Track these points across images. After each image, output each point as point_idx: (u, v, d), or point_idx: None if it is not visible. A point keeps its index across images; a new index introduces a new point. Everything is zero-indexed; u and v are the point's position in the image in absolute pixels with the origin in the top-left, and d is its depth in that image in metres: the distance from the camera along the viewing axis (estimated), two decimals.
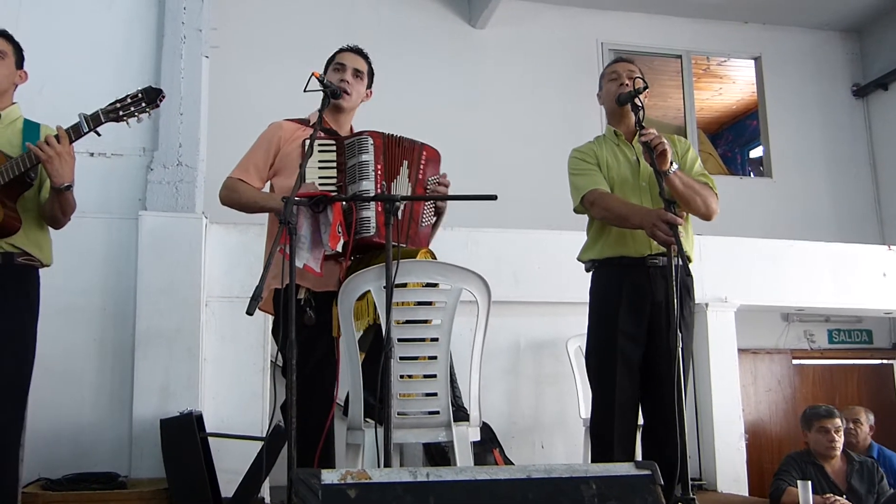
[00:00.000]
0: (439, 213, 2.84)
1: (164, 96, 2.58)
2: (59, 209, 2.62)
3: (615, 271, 2.92)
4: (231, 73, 5.31)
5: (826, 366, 6.55)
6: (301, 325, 2.43)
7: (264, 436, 3.31)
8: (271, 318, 2.95)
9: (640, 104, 2.84)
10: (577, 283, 3.14)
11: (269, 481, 3.58)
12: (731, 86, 7.72)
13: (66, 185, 2.51)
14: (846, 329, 6.56)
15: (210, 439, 3.43)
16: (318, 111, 2.66)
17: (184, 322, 3.73)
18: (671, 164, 2.74)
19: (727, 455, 4.57)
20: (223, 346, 3.87)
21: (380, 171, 2.62)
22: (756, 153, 8.18)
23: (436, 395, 2.50)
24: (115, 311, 3.74)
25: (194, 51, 4.10)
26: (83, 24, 4.04)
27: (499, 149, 5.96)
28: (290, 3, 5.91)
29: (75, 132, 2.51)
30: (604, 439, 2.86)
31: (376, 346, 2.57)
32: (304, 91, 2.53)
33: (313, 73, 2.58)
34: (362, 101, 2.93)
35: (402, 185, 2.69)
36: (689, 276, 2.89)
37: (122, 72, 3.98)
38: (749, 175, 8.44)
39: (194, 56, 4.10)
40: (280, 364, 2.29)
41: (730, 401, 4.65)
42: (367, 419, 2.49)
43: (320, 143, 2.62)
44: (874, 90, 7.01)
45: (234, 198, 2.77)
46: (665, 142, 2.72)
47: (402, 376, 2.48)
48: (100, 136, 2.56)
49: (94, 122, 2.51)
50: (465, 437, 2.52)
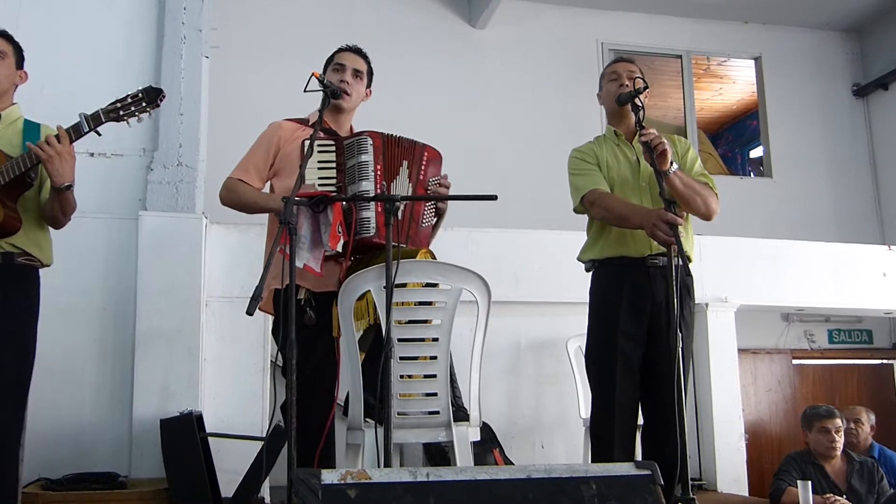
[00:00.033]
0: (440, 214, 2.84)
1: (164, 96, 2.58)
2: (59, 209, 2.62)
3: (615, 271, 2.92)
4: (231, 74, 5.31)
5: (826, 366, 6.55)
6: (301, 325, 2.43)
7: (264, 436, 3.31)
8: (271, 319, 2.95)
9: (640, 104, 2.83)
10: (577, 283, 3.13)
11: (269, 481, 3.58)
12: (731, 86, 7.72)
13: (66, 184, 2.51)
14: (846, 329, 6.56)
15: (210, 439, 3.43)
16: (319, 111, 2.66)
17: (184, 322, 3.74)
18: (671, 164, 2.73)
19: (727, 455, 4.57)
20: (223, 346, 3.88)
21: (379, 172, 2.62)
22: (756, 153, 8.18)
23: (436, 395, 2.50)
24: (116, 312, 3.74)
25: (194, 51, 4.10)
26: (83, 25, 4.04)
27: (499, 149, 5.96)
28: (290, 3, 5.91)
29: (76, 132, 2.51)
30: (604, 439, 2.86)
31: (376, 346, 2.57)
32: (304, 91, 2.53)
33: (313, 73, 2.58)
34: (362, 101, 2.93)
35: (402, 186, 2.69)
36: (690, 276, 2.89)
37: (123, 72, 3.98)
38: (749, 175, 8.44)
39: (194, 56, 4.10)
40: (280, 364, 2.29)
41: (730, 401, 4.65)
42: (367, 419, 2.49)
43: (320, 143, 2.62)
44: (874, 90, 7.01)
45: (234, 198, 2.77)
46: (665, 142, 2.72)
47: (402, 376, 2.48)
48: (100, 135, 2.57)
49: (94, 121, 2.51)
50: (465, 437, 2.52)
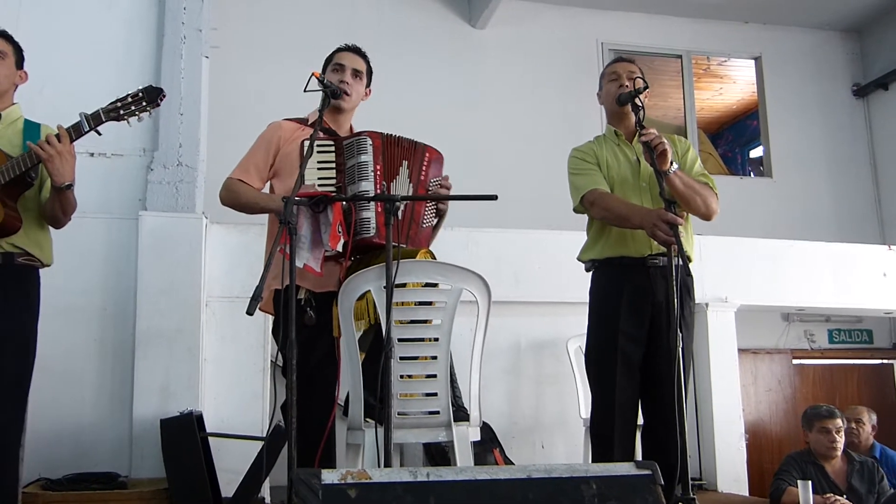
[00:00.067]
0: (441, 215, 2.83)
1: (164, 95, 2.58)
2: (59, 208, 2.62)
3: (615, 271, 2.92)
4: (231, 74, 5.31)
5: (826, 366, 6.55)
6: (301, 325, 2.43)
7: (264, 436, 3.30)
8: (271, 319, 2.94)
9: (640, 104, 2.83)
10: (577, 283, 3.13)
11: (270, 481, 3.58)
12: (731, 86, 7.72)
13: (66, 184, 2.51)
14: (846, 329, 6.56)
15: (210, 439, 3.43)
16: (318, 111, 2.66)
17: (184, 322, 3.74)
18: (671, 163, 2.73)
19: (727, 455, 4.56)
20: (223, 346, 3.88)
21: (379, 172, 2.62)
22: (756, 153, 8.17)
23: (436, 395, 2.50)
24: (116, 312, 3.74)
25: (194, 51, 4.10)
26: (83, 25, 4.04)
27: (499, 149, 5.96)
28: (290, 3, 5.91)
29: (76, 131, 2.51)
30: (604, 439, 2.86)
31: (376, 346, 2.57)
32: (305, 91, 2.53)
33: (313, 73, 2.58)
34: (361, 101, 2.93)
35: (402, 186, 2.68)
36: (690, 275, 2.89)
37: (123, 72, 3.98)
38: (749, 175, 8.44)
39: (194, 56, 4.10)
40: (280, 364, 2.29)
41: (730, 401, 4.64)
42: (367, 419, 2.49)
43: (319, 143, 2.62)
44: (874, 90, 7.01)
45: (234, 198, 2.77)
46: (665, 142, 2.72)
47: (402, 376, 2.48)
48: (100, 135, 2.56)
49: (94, 121, 2.51)
50: (465, 436, 2.52)
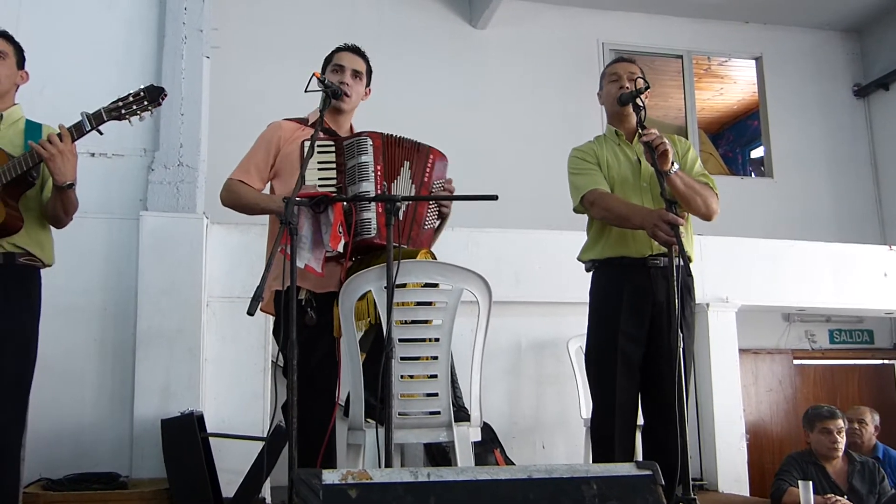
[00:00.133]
0: (443, 218, 2.83)
1: (165, 94, 2.58)
2: (61, 208, 2.62)
3: (616, 272, 2.91)
4: (232, 74, 5.31)
5: (827, 366, 6.55)
6: (302, 326, 2.43)
7: (265, 436, 3.30)
8: (272, 319, 2.95)
9: (641, 104, 2.83)
10: (577, 283, 3.13)
11: (270, 481, 3.58)
12: (732, 86, 7.72)
13: (68, 183, 2.51)
14: (847, 329, 6.56)
15: (211, 439, 3.43)
16: (319, 111, 2.66)
17: (185, 322, 3.74)
18: (672, 164, 2.73)
19: (728, 455, 4.56)
20: (224, 346, 3.88)
21: (379, 172, 2.62)
22: (757, 153, 8.17)
23: (437, 395, 2.50)
24: (116, 312, 3.74)
25: (195, 51, 4.10)
26: (84, 25, 4.04)
27: (499, 149, 5.96)
28: (290, 3, 5.91)
29: (77, 130, 2.51)
30: (604, 439, 2.86)
31: (377, 347, 2.57)
32: (305, 91, 2.53)
33: (314, 74, 2.58)
34: (361, 100, 2.93)
35: (404, 186, 2.68)
36: (690, 276, 2.88)
37: (123, 72, 3.98)
38: (750, 175, 8.43)
39: (195, 56, 4.10)
40: (281, 364, 2.29)
41: (731, 401, 4.64)
42: (367, 419, 2.49)
43: (319, 143, 2.61)
44: (875, 90, 7.01)
45: (235, 199, 2.77)
46: (666, 142, 2.72)
47: (402, 376, 2.48)
48: (102, 134, 2.56)
49: (96, 120, 2.51)
50: (465, 437, 2.51)
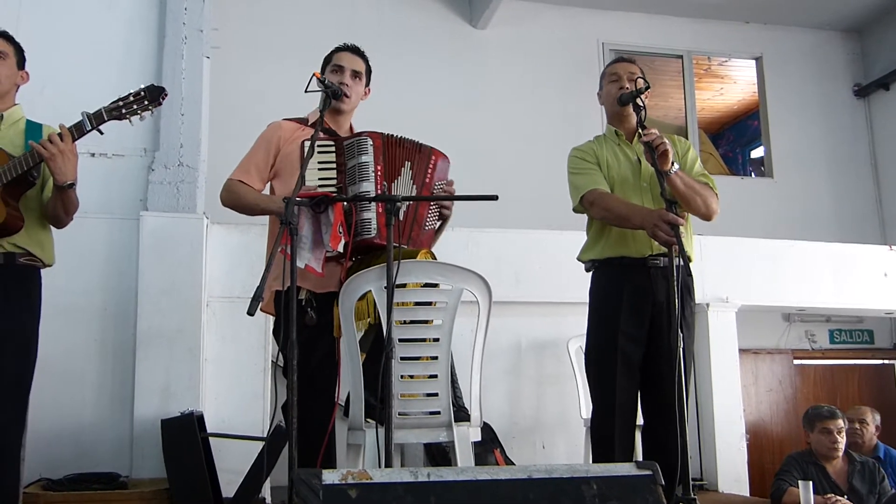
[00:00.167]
0: (444, 219, 2.83)
1: (166, 94, 2.58)
2: (61, 208, 2.62)
3: (616, 271, 2.91)
4: (232, 74, 5.32)
5: (827, 366, 6.55)
6: (302, 326, 2.43)
7: (265, 436, 3.30)
8: (272, 319, 2.95)
9: (641, 104, 2.83)
10: (577, 283, 3.13)
11: (270, 481, 3.58)
12: (732, 86, 7.72)
13: (69, 182, 2.51)
14: (847, 329, 6.56)
15: (211, 439, 3.43)
16: (319, 111, 2.66)
17: (185, 322, 3.74)
18: (672, 164, 2.73)
19: (728, 455, 4.56)
20: (224, 346, 3.88)
21: (379, 172, 2.61)
22: (757, 153, 8.17)
23: (437, 395, 2.50)
24: (117, 312, 3.74)
25: (195, 51, 4.11)
26: (84, 25, 4.04)
27: (499, 149, 5.96)
28: (290, 3, 5.91)
29: (78, 130, 2.51)
30: (604, 439, 2.86)
31: (377, 347, 2.57)
32: (305, 91, 2.53)
33: (314, 74, 2.58)
34: (361, 100, 2.93)
35: (405, 187, 2.68)
36: (690, 276, 2.88)
37: (124, 72, 3.99)
38: (750, 175, 8.43)
39: (195, 56, 4.10)
40: (281, 364, 2.29)
41: (731, 401, 4.64)
42: (367, 419, 2.49)
43: (320, 143, 2.61)
44: (875, 90, 7.01)
45: (235, 200, 2.77)
46: (667, 142, 2.72)
47: (402, 376, 2.48)
48: (102, 133, 2.56)
49: (96, 119, 2.51)
50: (465, 437, 2.51)
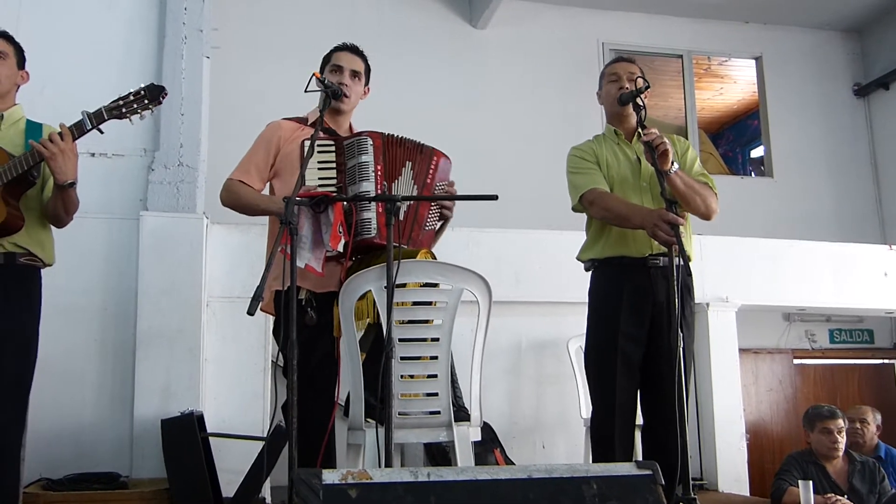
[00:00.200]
0: (445, 220, 2.83)
1: (166, 93, 2.58)
2: (62, 207, 2.62)
3: (615, 271, 2.91)
4: (232, 74, 5.32)
5: (827, 365, 6.55)
6: (302, 326, 2.43)
7: (265, 436, 3.30)
8: (272, 319, 2.95)
9: (641, 104, 2.82)
10: (577, 283, 3.13)
11: (270, 481, 3.58)
12: (732, 85, 7.72)
13: (69, 182, 2.51)
14: (847, 329, 6.56)
15: (211, 439, 3.43)
16: (319, 111, 2.66)
17: (185, 322, 3.74)
18: (672, 163, 2.73)
19: (728, 455, 4.56)
20: (224, 346, 3.88)
21: (380, 172, 2.61)
22: (757, 153, 8.17)
23: (437, 395, 2.50)
24: (117, 312, 3.74)
25: (195, 51, 4.10)
26: (84, 25, 4.04)
27: (499, 149, 5.96)
28: (290, 3, 5.91)
29: (78, 129, 2.51)
30: (604, 439, 2.86)
31: (377, 347, 2.57)
32: (305, 91, 2.53)
33: (314, 74, 2.58)
34: (360, 100, 2.93)
35: (406, 187, 2.68)
36: (690, 275, 2.88)
37: (124, 72, 3.99)
38: (750, 175, 8.43)
39: (195, 56, 4.10)
40: (281, 364, 2.29)
41: (731, 401, 4.64)
42: (367, 419, 2.49)
43: (319, 143, 2.61)
44: (875, 90, 7.01)
45: (235, 200, 2.77)
46: (667, 141, 2.72)
47: (402, 376, 2.48)
48: (102, 133, 2.56)
49: (96, 119, 2.51)
50: (465, 437, 2.51)
